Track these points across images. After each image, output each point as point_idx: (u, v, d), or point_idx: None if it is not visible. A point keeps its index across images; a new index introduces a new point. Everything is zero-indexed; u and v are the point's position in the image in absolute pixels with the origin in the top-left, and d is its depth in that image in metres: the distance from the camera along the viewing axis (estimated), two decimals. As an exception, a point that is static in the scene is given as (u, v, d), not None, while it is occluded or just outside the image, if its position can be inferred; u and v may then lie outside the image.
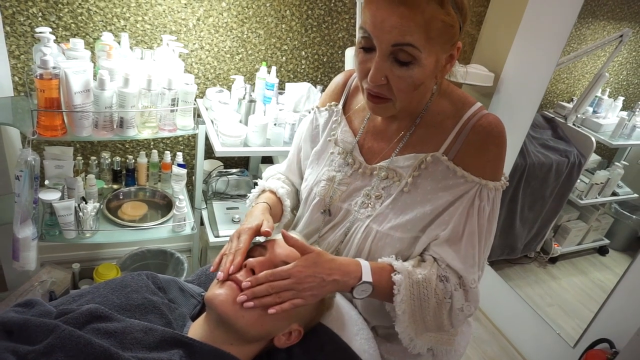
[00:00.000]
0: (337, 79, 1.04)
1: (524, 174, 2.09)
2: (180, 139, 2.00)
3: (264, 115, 1.71)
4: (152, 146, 1.97)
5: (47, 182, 1.56)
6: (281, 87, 1.95)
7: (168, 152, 1.82)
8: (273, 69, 1.77)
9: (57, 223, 1.50)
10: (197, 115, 1.61)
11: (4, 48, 1.59)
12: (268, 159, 2.15)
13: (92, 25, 1.67)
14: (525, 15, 1.99)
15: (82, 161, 1.78)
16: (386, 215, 0.88)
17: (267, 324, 0.77)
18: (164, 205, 1.81)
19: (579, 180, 2.08)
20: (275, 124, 1.68)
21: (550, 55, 1.89)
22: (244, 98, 1.72)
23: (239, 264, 0.80)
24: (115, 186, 1.82)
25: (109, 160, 1.79)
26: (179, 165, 1.80)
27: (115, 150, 1.91)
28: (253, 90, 1.79)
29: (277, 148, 1.71)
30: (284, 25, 1.92)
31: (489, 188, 0.83)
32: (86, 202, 1.56)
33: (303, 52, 2.01)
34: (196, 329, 0.79)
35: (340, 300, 0.95)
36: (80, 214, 1.53)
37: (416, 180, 0.86)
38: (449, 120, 0.86)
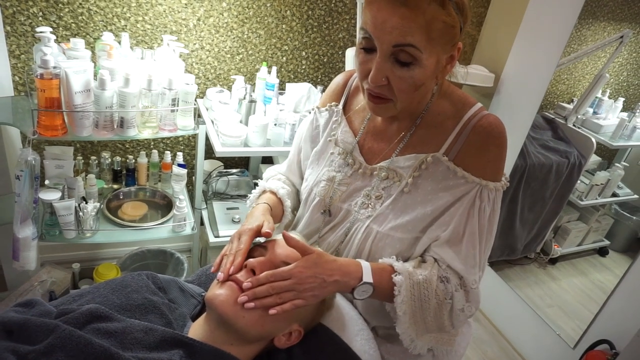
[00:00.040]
0: (338, 79, 1.04)
1: (524, 175, 2.09)
2: (181, 139, 2.00)
3: (265, 115, 1.71)
4: (153, 146, 1.97)
5: (47, 181, 1.56)
6: (281, 88, 1.95)
7: (168, 152, 1.82)
8: (273, 69, 1.77)
9: (57, 223, 1.50)
10: (198, 115, 1.61)
11: (4, 48, 1.59)
12: (268, 159, 2.15)
13: (92, 25, 1.67)
14: (525, 16, 1.99)
15: (83, 161, 1.78)
16: (386, 215, 0.88)
17: (268, 324, 0.77)
18: (164, 205, 1.81)
19: (579, 181, 2.08)
20: (275, 124, 1.68)
21: (550, 56, 1.89)
22: (244, 98, 1.72)
23: (240, 265, 0.80)
24: (115, 186, 1.82)
25: (109, 160, 1.79)
26: (179, 165, 1.80)
27: (115, 150, 1.91)
28: (253, 91, 1.79)
29: (277, 148, 1.71)
30: (284, 26, 1.92)
31: (490, 189, 0.83)
32: (86, 202, 1.56)
33: (303, 53, 2.01)
34: (196, 329, 0.79)
35: (341, 301, 0.95)
36: (81, 213, 1.53)
37: (416, 180, 0.86)
38: (449, 121, 0.86)
